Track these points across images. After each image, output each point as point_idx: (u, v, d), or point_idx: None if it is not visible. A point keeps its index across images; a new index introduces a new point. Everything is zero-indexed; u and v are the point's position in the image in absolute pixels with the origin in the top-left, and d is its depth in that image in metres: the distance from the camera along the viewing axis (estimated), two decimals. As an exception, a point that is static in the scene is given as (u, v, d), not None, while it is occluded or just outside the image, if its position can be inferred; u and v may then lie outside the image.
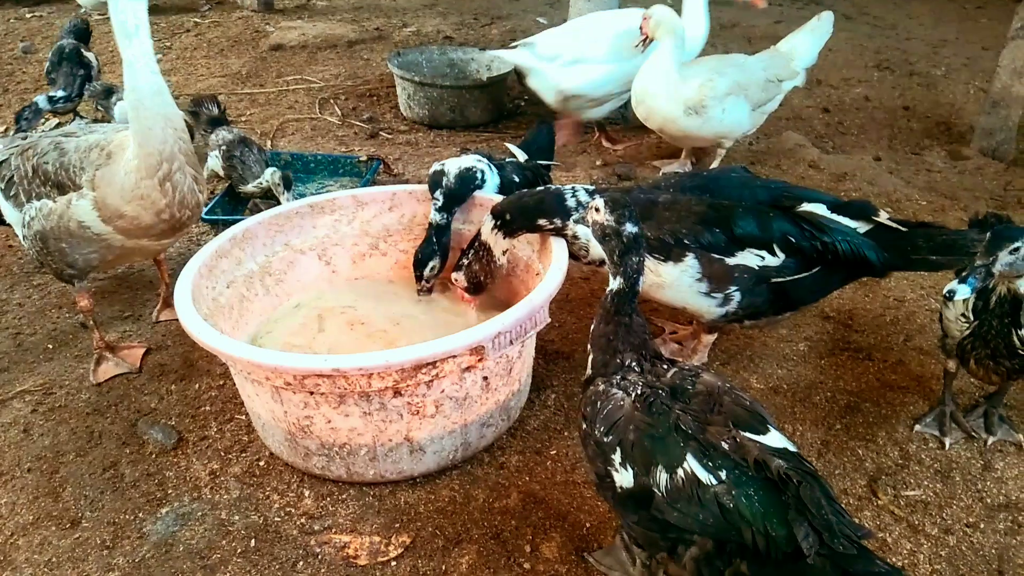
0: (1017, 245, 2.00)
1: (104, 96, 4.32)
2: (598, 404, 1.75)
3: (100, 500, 2.27)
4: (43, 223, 2.49)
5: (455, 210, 2.85)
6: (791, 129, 4.88)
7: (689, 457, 1.56)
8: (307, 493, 2.29)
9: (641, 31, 3.89)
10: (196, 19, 7.14)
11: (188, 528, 2.17)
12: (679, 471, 1.55)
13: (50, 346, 2.93)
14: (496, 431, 2.42)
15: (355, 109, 5.26)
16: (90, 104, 4.69)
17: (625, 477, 1.63)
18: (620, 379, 1.78)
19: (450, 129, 4.97)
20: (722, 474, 1.52)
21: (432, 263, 2.81)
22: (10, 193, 2.63)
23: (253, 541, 2.13)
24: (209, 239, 2.89)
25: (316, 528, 2.17)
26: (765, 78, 3.95)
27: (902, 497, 2.28)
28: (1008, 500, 2.27)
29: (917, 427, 2.51)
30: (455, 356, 2.05)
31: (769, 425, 1.64)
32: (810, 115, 5.36)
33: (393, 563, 2.07)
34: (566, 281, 2.41)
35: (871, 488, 2.30)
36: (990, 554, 2.10)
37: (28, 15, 7.24)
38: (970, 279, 2.00)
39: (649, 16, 3.83)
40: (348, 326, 2.78)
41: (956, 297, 2.00)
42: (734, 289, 2.41)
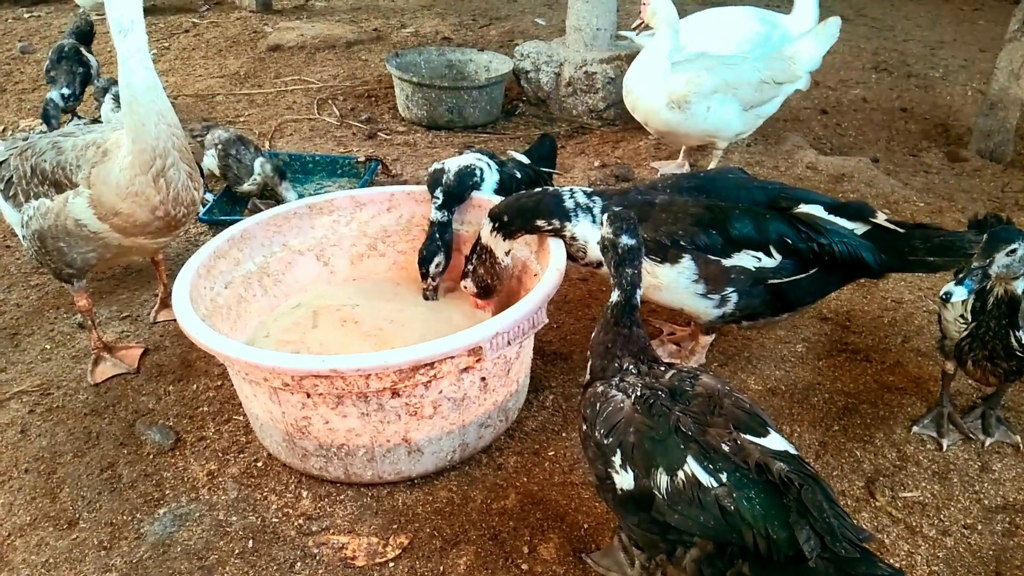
0: (1014, 247, 2.00)
1: (102, 93, 4.32)
2: (598, 406, 1.75)
3: (98, 501, 2.27)
4: (41, 222, 2.49)
5: (455, 208, 2.85)
6: (789, 130, 4.89)
7: (690, 459, 1.55)
8: (305, 494, 2.29)
9: (641, 18, 3.91)
10: (194, 19, 7.14)
11: (186, 529, 2.17)
12: (680, 473, 1.55)
13: (48, 346, 2.93)
14: (494, 432, 2.42)
15: (353, 110, 5.26)
16: (88, 104, 4.68)
17: (625, 479, 1.63)
18: (619, 381, 1.78)
19: (448, 130, 4.97)
20: (723, 476, 1.52)
21: (437, 259, 2.81)
22: (9, 193, 2.63)
23: (251, 542, 2.13)
24: (207, 240, 2.89)
25: (314, 529, 2.17)
26: (759, 79, 3.90)
27: (900, 498, 2.28)
28: (1006, 501, 2.27)
29: (915, 428, 2.51)
30: (453, 357, 2.05)
31: (769, 427, 1.64)
32: (808, 116, 5.37)
33: (391, 564, 2.07)
34: (564, 282, 2.42)
35: (869, 489, 2.30)
36: (988, 555, 2.10)
37: (26, 15, 7.23)
38: (967, 281, 2.00)
39: (647, 3, 3.83)
40: (341, 323, 2.79)
41: (953, 299, 2.01)
42: (731, 290, 2.41)
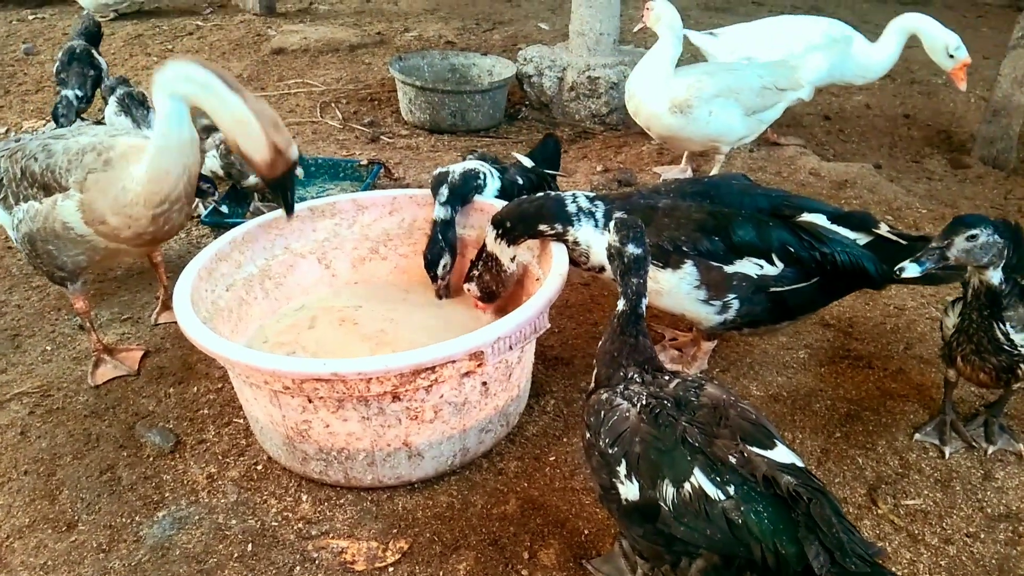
0: (974, 232, 2.01)
1: (110, 92, 4.31)
2: (602, 414, 1.73)
3: (97, 503, 2.26)
4: (30, 225, 2.49)
5: (458, 208, 2.86)
6: (791, 136, 4.88)
7: (696, 471, 1.54)
8: (305, 498, 2.28)
9: (643, 19, 3.90)
10: (198, 22, 7.15)
11: (185, 532, 2.16)
12: (686, 485, 1.53)
13: (48, 348, 2.93)
14: (495, 437, 2.41)
15: (356, 113, 5.26)
16: (96, 103, 4.68)
17: (631, 490, 1.61)
18: (624, 389, 1.76)
19: (451, 134, 4.97)
20: (730, 489, 1.50)
21: (443, 261, 2.82)
22: (0, 196, 2.63)
23: (250, 546, 2.12)
24: (209, 242, 2.88)
25: (313, 533, 2.16)
26: (761, 85, 3.90)
27: (902, 506, 2.27)
28: (1009, 510, 2.26)
29: (917, 436, 2.50)
30: (454, 361, 2.05)
31: (776, 439, 1.62)
32: (811, 122, 5.36)
33: (390, 569, 2.06)
34: (566, 287, 2.41)
35: (871, 497, 2.29)
36: (990, 564, 2.09)
37: (30, 17, 7.24)
38: (923, 260, 2.04)
39: (651, 7, 3.82)
40: (339, 323, 2.78)
41: (905, 274, 2.05)
42: (732, 297, 2.41)
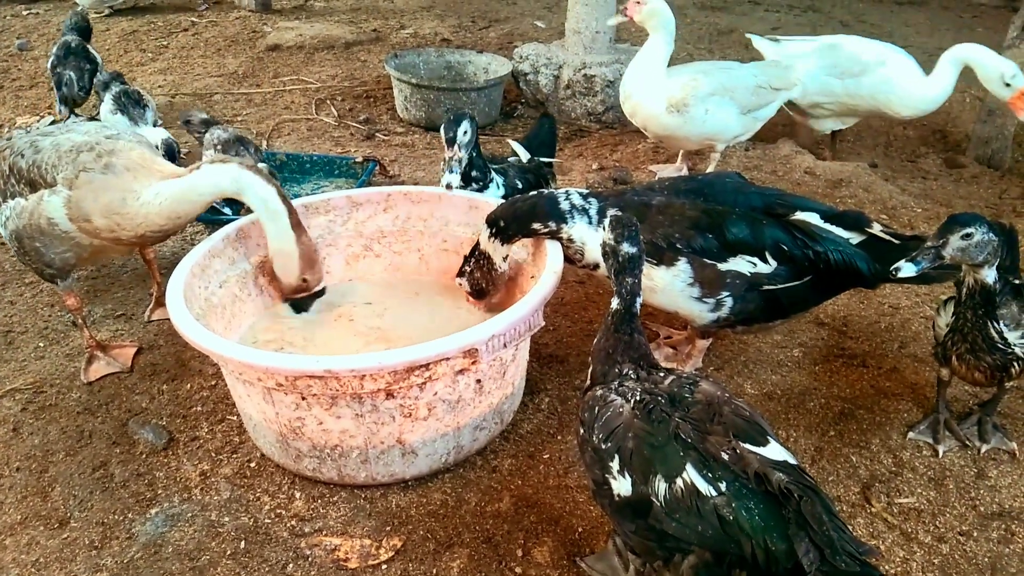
0: (969, 231, 2.01)
1: (103, 87, 4.30)
2: (596, 410, 1.73)
3: (89, 500, 2.25)
4: (16, 222, 2.48)
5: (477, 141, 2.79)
6: (787, 135, 4.89)
7: (688, 467, 1.54)
8: (298, 495, 2.27)
9: (626, 13, 3.84)
10: (193, 18, 7.13)
11: (178, 529, 2.16)
12: (678, 481, 1.53)
13: (41, 344, 2.92)
14: (489, 434, 2.41)
15: (351, 110, 5.25)
16: (86, 102, 4.67)
17: (623, 485, 1.61)
18: (618, 385, 1.77)
19: (447, 131, 4.96)
20: (722, 486, 1.50)
21: (464, 126, 2.69)
22: None
23: (243, 543, 2.12)
24: (202, 238, 2.87)
25: (307, 530, 2.16)
26: (755, 83, 3.92)
27: (895, 504, 2.27)
28: (1002, 509, 2.27)
29: (911, 434, 2.51)
30: (449, 358, 2.04)
31: (769, 436, 1.62)
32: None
33: (384, 566, 2.06)
34: (561, 284, 2.41)
35: (864, 495, 2.30)
36: (983, 563, 2.10)
37: (24, 12, 7.21)
38: (918, 259, 2.04)
39: (643, 3, 3.78)
40: (333, 320, 2.77)
41: (901, 274, 2.05)
42: (726, 295, 2.41)
